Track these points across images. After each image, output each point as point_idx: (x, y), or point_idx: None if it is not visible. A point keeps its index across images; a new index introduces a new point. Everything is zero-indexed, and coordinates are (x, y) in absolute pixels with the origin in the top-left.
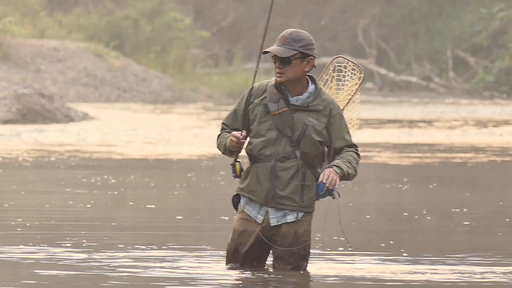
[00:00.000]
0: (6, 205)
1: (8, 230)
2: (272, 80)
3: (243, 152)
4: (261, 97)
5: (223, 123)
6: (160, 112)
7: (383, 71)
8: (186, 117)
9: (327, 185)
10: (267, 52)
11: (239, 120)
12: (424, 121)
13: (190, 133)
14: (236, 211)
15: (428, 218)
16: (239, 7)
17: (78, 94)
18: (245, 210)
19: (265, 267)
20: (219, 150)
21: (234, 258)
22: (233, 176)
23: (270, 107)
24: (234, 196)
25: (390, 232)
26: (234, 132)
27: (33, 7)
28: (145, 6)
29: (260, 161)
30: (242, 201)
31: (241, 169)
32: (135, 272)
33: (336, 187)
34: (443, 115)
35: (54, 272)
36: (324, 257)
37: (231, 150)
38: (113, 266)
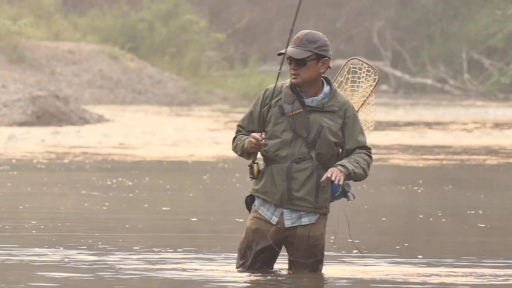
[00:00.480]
0: (21, 207)
1: (23, 232)
2: (287, 81)
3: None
4: (276, 99)
5: (238, 126)
6: (175, 114)
7: (398, 73)
8: (201, 119)
9: (332, 179)
10: (282, 53)
11: (255, 122)
12: (439, 123)
13: (205, 135)
14: (249, 212)
15: (443, 220)
16: (254, 9)
17: (93, 96)
18: (259, 211)
19: (278, 270)
20: (235, 152)
21: (245, 256)
22: (250, 177)
23: (285, 109)
24: (247, 197)
25: (405, 235)
26: (254, 134)
27: (48, 9)
28: (160, 9)
29: (275, 162)
30: (257, 202)
31: (259, 171)
32: (149, 275)
33: (351, 188)
34: (458, 117)
35: (68, 274)
36: (338, 260)
37: (249, 152)
38: (127, 269)
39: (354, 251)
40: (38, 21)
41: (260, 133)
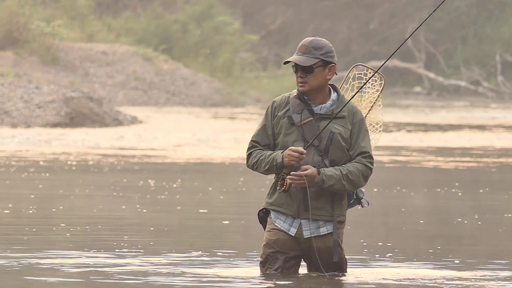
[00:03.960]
0: (54, 209)
1: (55, 234)
2: (293, 91)
3: None
4: (285, 110)
5: (252, 141)
6: (209, 115)
7: (431, 75)
8: (235, 120)
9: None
10: (288, 62)
11: (270, 136)
12: (474, 126)
13: (239, 136)
14: (263, 226)
15: (479, 223)
16: (288, 10)
17: (126, 97)
18: (276, 224)
19: (312, 273)
20: (254, 169)
21: (270, 268)
22: (280, 190)
23: (294, 119)
24: (260, 211)
25: (439, 238)
26: (293, 148)
27: (82, 11)
28: (194, 10)
29: (289, 174)
30: (272, 215)
31: (291, 184)
32: (179, 278)
33: (365, 195)
34: (493, 119)
35: (98, 278)
36: (371, 263)
37: (281, 167)
38: (157, 272)
39: (388, 254)
40: (72, 23)
41: (296, 147)
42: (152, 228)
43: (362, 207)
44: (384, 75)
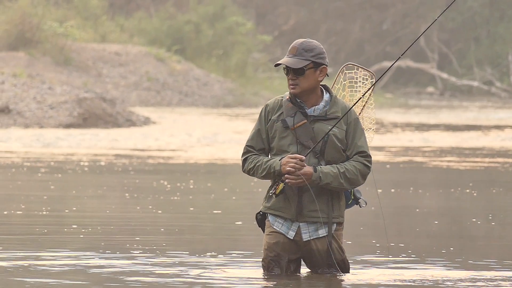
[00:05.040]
0: (66, 210)
1: (67, 235)
2: (285, 94)
3: None
4: (278, 113)
5: (248, 146)
6: (221, 116)
7: (444, 75)
8: (248, 121)
9: (287, 181)
10: (279, 64)
11: (265, 140)
12: (488, 126)
13: None
14: (261, 229)
15: (493, 223)
16: (301, 11)
17: (139, 98)
18: (274, 227)
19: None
20: (251, 174)
21: (273, 270)
22: (272, 194)
23: (288, 122)
24: (257, 214)
25: (453, 238)
26: (293, 155)
27: (95, 11)
28: (207, 10)
29: (284, 179)
30: (270, 218)
31: (282, 190)
32: (192, 280)
33: (361, 197)
34: (506, 119)
35: (111, 279)
36: (384, 264)
37: (278, 174)
38: (169, 274)
39: (402, 254)
40: (85, 23)
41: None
42: (164, 229)
43: (360, 207)
44: (396, 75)
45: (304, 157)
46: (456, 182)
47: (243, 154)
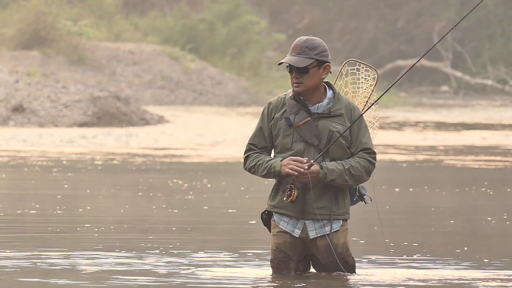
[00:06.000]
0: (81, 209)
1: (81, 234)
2: (289, 92)
3: None
4: (281, 111)
5: (250, 144)
6: (236, 115)
7: (458, 74)
8: None
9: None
10: (282, 63)
11: (267, 138)
12: (502, 125)
13: None
14: (267, 227)
15: (508, 222)
16: (315, 9)
17: (153, 97)
18: (280, 226)
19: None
20: (252, 172)
21: (283, 270)
22: (288, 200)
23: (292, 120)
24: (262, 213)
25: (467, 237)
26: (297, 158)
27: (109, 10)
28: (221, 9)
29: (296, 184)
30: (275, 217)
31: (298, 195)
32: (206, 279)
33: (366, 193)
34: None
35: (125, 278)
36: (398, 263)
37: (278, 175)
38: (183, 273)
39: (416, 254)
40: (99, 22)
41: (301, 159)
42: (177, 228)
43: (365, 203)
44: (410, 73)
45: (305, 159)
46: (471, 181)
47: (245, 152)
